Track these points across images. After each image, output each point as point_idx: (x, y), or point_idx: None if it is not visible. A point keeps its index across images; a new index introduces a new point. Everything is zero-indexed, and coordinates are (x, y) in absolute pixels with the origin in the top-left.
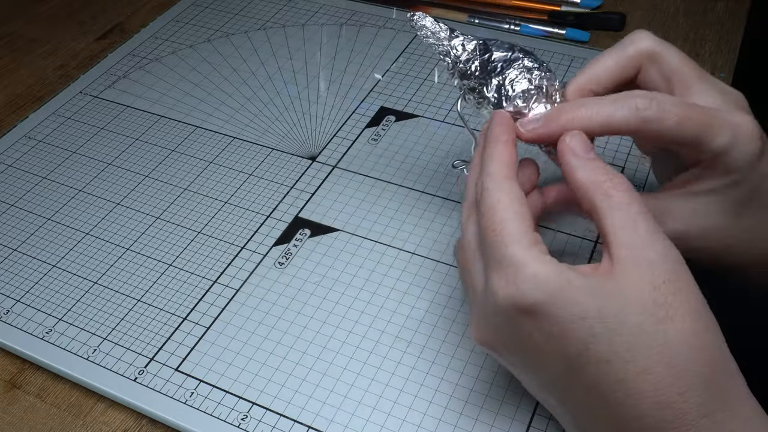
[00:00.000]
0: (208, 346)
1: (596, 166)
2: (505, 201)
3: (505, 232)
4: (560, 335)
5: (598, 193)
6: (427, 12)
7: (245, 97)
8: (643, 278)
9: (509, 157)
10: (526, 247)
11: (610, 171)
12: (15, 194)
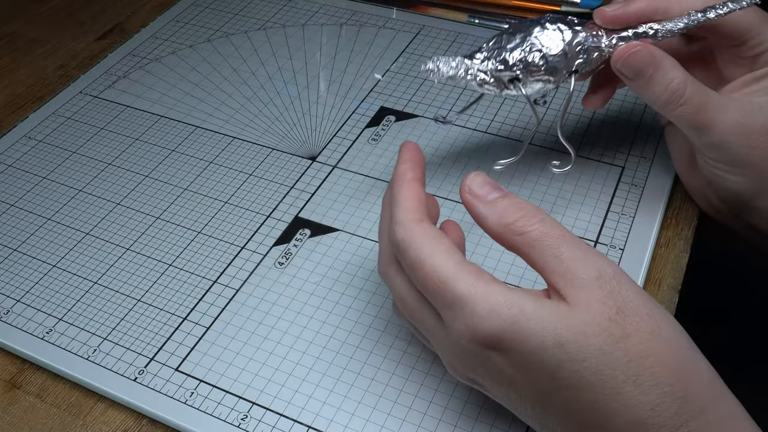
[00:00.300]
0: (208, 346)
1: (503, 206)
2: (427, 248)
3: (443, 277)
4: (527, 366)
5: (513, 235)
6: (426, 12)
7: (245, 97)
8: (590, 298)
9: (415, 198)
10: (471, 283)
11: (518, 206)
12: (15, 194)
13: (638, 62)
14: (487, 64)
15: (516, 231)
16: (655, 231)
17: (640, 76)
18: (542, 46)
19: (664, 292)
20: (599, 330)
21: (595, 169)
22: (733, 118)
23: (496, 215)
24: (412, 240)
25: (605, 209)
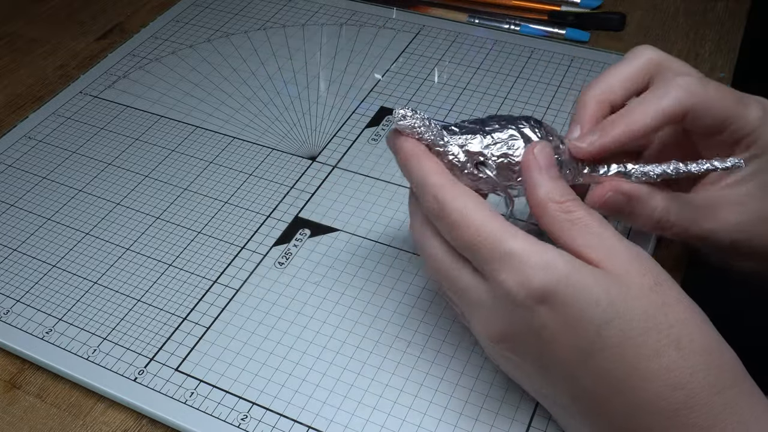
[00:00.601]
0: (208, 346)
1: (557, 183)
2: (470, 204)
3: (492, 231)
4: (574, 322)
5: (558, 212)
6: (426, 12)
7: (245, 97)
8: (630, 269)
9: (439, 165)
10: (523, 238)
11: (569, 190)
12: (15, 194)
13: (614, 205)
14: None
15: (563, 209)
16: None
17: (621, 214)
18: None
19: None
20: (642, 295)
21: None
22: (727, 221)
23: (548, 188)
24: (455, 199)
25: None
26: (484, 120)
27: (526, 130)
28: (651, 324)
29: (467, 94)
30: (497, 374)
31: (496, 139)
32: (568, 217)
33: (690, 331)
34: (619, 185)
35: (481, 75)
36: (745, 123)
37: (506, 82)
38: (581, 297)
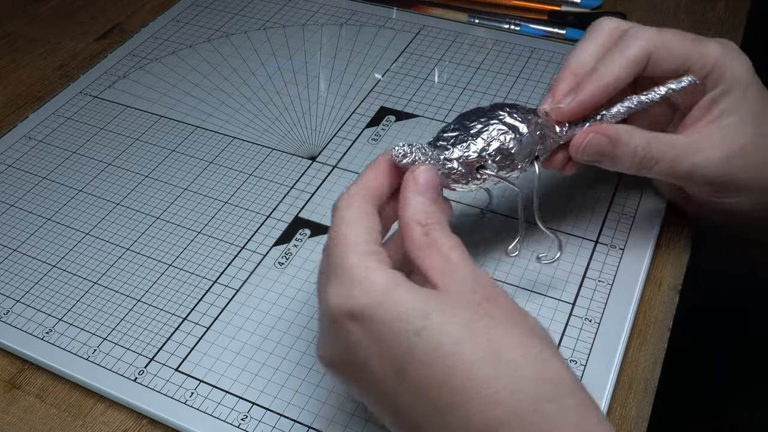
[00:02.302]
0: (208, 346)
1: (426, 206)
2: (349, 217)
3: (344, 243)
4: (386, 338)
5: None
6: (426, 12)
7: (245, 97)
8: (462, 287)
9: (373, 181)
10: (362, 256)
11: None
12: (15, 194)
13: (596, 147)
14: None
15: (424, 231)
16: (655, 231)
17: (605, 157)
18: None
19: (665, 292)
20: (464, 310)
21: (595, 169)
22: (712, 155)
23: (416, 209)
24: (345, 208)
25: (605, 209)
26: (463, 121)
27: (508, 120)
28: (467, 337)
29: (467, 94)
30: None
31: (487, 139)
32: (426, 239)
33: (512, 345)
34: (598, 128)
35: (481, 75)
36: (705, 60)
37: (506, 82)
38: (394, 314)
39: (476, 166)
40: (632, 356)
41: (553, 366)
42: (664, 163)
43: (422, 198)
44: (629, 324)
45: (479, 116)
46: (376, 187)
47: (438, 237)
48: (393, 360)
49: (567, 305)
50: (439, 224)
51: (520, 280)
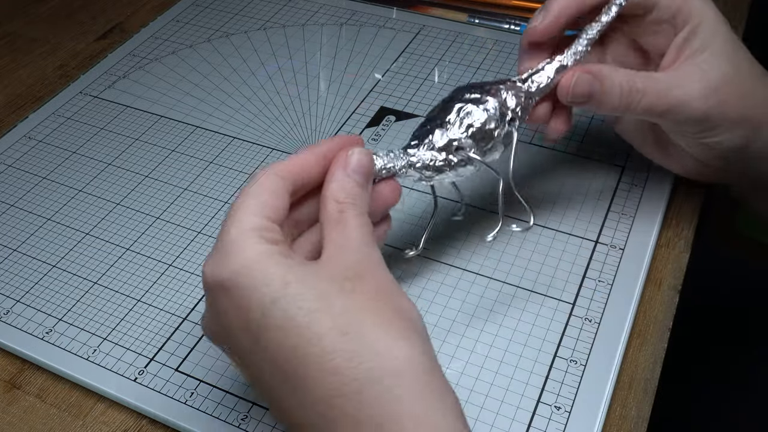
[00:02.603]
0: (208, 346)
1: (350, 187)
2: (251, 191)
3: (232, 217)
4: (245, 304)
5: (333, 207)
6: (426, 12)
7: (245, 97)
8: (341, 263)
9: (300, 162)
10: (243, 230)
11: (354, 195)
12: (15, 194)
13: (584, 86)
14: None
15: (339, 208)
16: (655, 231)
17: (593, 96)
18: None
19: (665, 292)
20: (331, 281)
21: (594, 169)
22: (693, 88)
23: (338, 186)
24: (254, 182)
25: (605, 209)
26: (430, 118)
27: (468, 96)
28: (321, 306)
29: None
30: (497, 375)
31: (452, 121)
32: (337, 216)
33: (363, 320)
34: (583, 66)
35: (481, 75)
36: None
37: None
38: (255, 282)
39: (454, 149)
40: (632, 356)
41: (404, 350)
42: (649, 97)
43: (347, 178)
44: (629, 324)
45: (444, 106)
46: (299, 169)
47: (349, 217)
48: (250, 329)
49: (567, 305)
50: (355, 206)
51: (520, 280)
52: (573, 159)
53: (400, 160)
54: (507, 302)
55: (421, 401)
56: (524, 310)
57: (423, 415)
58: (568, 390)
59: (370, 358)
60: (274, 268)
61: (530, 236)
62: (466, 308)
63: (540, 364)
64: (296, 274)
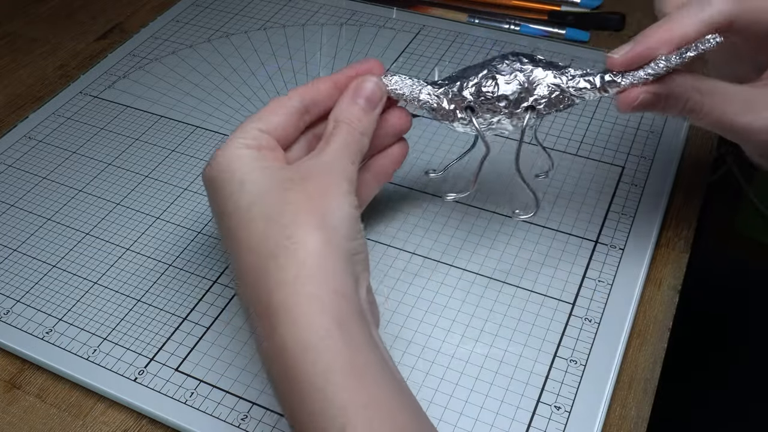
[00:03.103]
0: (208, 346)
1: (351, 110)
2: (264, 109)
3: (235, 130)
4: (216, 195)
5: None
6: (426, 12)
7: (245, 97)
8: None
9: (314, 84)
10: (231, 138)
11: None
12: (15, 194)
13: (647, 104)
14: (444, 89)
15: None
16: (655, 231)
17: (654, 110)
18: (498, 74)
19: (665, 293)
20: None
21: (595, 169)
22: (763, 117)
23: (342, 108)
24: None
25: (605, 209)
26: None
27: (501, 67)
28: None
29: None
30: (497, 375)
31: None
32: (330, 132)
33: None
34: (648, 87)
35: None
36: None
37: None
38: (224, 177)
39: (463, 106)
40: (632, 356)
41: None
42: (710, 118)
43: (351, 102)
44: (629, 324)
45: (481, 64)
46: (312, 91)
47: (338, 132)
48: (218, 215)
49: (567, 305)
50: (351, 126)
51: (520, 280)
52: (573, 159)
53: (412, 89)
54: (507, 302)
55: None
56: (524, 310)
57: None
58: (568, 390)
59: (276, 240)
60: (238, 168)
61: (530, 236)
62: (466, 308)
63: (540, 364)
64: (252, 175)
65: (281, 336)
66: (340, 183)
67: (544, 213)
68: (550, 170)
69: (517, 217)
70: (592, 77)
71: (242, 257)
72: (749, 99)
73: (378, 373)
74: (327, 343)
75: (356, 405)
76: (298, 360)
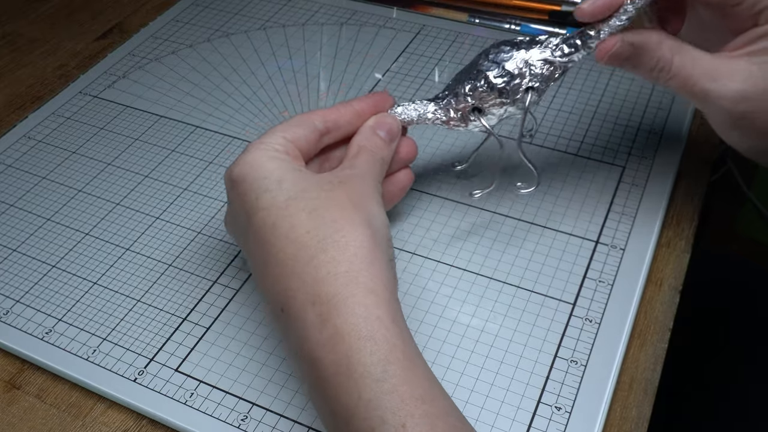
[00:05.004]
0: (207, 347)
1: (374, 139)
2: (289, 121)
3: (261, 137)
4: (245, 191)
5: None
6: (426, 12)
7: (245, 97)
8: (331, 174)
9: (338, 111)
10: (258, 142)
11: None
12: (15, 194)
13: (620, 55)
14: (445, 101)
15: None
16: (656, 231)
17: (628, 63)
18: (487, 71)
19: (665, 292)
20: (316, 182)
21: (595, 169)
22: (726, 86)
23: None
24: (298, 115)
25: (606, 209)
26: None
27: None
28: (300, 195)
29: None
30: (497, 375)
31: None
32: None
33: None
34: (624, 36)
35: None
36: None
37: None
38: (255, 175)
39: (469, 111)
40: (633, 356)
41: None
42: (678, 79)
43: (373, 133)
44: (630, 324)
45: (470, 65)
46: (333, 114)
47: (363, 153)
48: (246, 210)
49: (567, 305)
50: (372, 152)
51: (520, 280)
52: (573, 159)
53: (418, 113)
54: (507, 302)
55: (354, 282)
56: (524, 311)
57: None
58: (569, 390)
59: (324, 232)
60: (274, 167)
61: (530, 236)
62: (467, 308)
63: (540, 364)
64: (290, 175)
65: (336, 326)
66: (374, 193)
67: (545, 213)
68: (536, 186)
69: (518, 191)
70: (572, 39)
71: (282, 249)
72: (714, 66)
73: (427, 370)
74: (384, 333)
75: (414, 397)
76: (354, 349)
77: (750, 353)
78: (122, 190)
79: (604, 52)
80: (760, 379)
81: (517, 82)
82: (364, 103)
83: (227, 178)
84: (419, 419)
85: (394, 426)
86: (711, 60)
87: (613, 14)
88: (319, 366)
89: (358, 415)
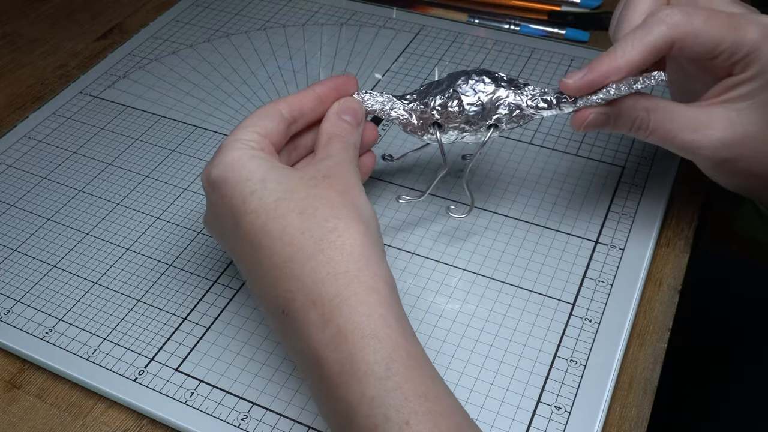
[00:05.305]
0: (208, 347)
1: (341, 125)
2: (255, 113)
3: (232, 132)
4: (230, 194)
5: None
6: (426, 12)
7: (245, 97)
8: (313, 167)
9: (301, 98)
10: (235, 140)
11: (343, 130)
12: (15, 194)
13: (597, 124)
14: (413, 105)
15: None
16: (655, 231)
17: (605, 128)
18: (463, 94)
19: (665, 292)
20: (301, 178)
21: (595, 169)
22: (707, 136)
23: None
24: (261, 107)
25: (605, 209)
26: (433, 83)
27: (465, 87)
28: (288, 195)
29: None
30: (497, 375)
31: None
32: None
33: (319, 205)
34: (599, 108)
35: None
36: (739, 47)
37: None
38: (238, 178)
39: (429, 123)
40: (632, 356)
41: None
42: (657, 134)
43: (339, 119)
44: (629, 324)
45: (448, 80)
46: (297, 102)
47: (334, 141)
48: (233, 214)
49: (567, 305)
50: (343, 138)
51: (520, 280)
52: (573, 159)
53: (382, 106)
54: (507, 302)
55: (356, 282)
56: (524, 310)
57: (358, 292)
58: (568, 390)
59: (319, 233)
60: (255, 167)
61: (530, 236)
62: (466, 308)
63: (540, 364)
64: (273, 174)
65: (339, 326)
66: (357, 182)
67: (544, 213)
68: (471, 208)
69: (450, 213)
70: (548, 96)
71: (277, 251)
72: (692, 118)
73: (431, 368)
74: (387, 331)
75: (417, 395)
76: (358, 347)
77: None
78: (122, 190)
79: (579, 122)
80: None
81: (485, 115)
82: (326, 87)
83: (205, 180)
84: (423, 416)
85: (397, 423)
86: (688, 111)
87: (594, 91)
88: (322, 365)
89: (361, 413)
